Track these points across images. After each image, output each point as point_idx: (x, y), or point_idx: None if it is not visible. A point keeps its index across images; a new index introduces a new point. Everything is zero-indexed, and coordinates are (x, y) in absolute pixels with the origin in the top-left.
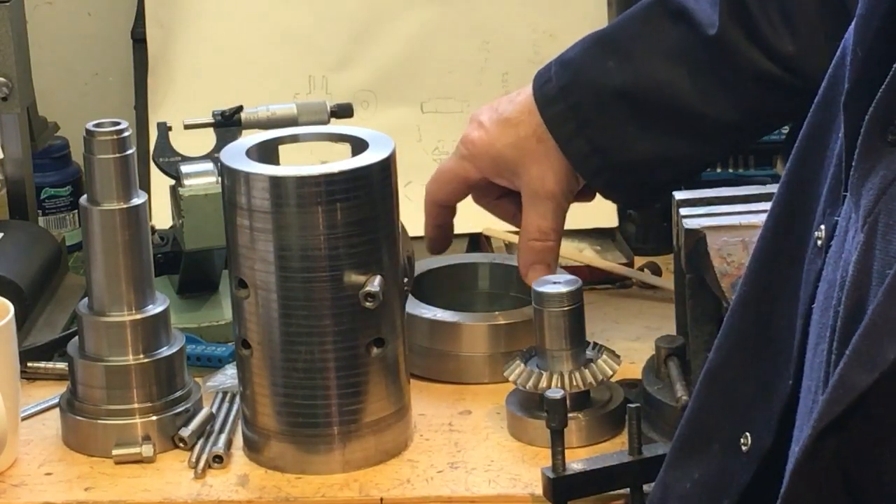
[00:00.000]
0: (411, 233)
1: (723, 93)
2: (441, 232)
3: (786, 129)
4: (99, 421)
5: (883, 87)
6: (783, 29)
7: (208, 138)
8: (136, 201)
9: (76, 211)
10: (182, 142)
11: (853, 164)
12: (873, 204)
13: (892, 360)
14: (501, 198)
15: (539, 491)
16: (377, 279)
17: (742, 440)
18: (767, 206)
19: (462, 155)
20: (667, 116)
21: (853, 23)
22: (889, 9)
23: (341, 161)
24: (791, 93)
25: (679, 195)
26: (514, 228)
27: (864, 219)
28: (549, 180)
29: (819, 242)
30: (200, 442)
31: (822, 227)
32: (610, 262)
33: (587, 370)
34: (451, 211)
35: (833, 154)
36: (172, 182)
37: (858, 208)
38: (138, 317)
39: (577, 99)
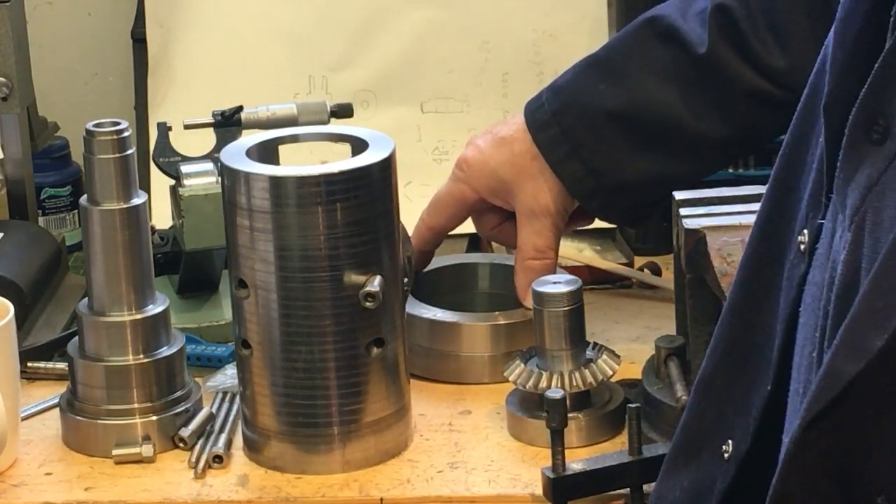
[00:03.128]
0: (411, 233)
1: (715, 110)
2: (424, 256)
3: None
4: (99, 421)
5: (866, 86)
6: (773, 44)
7: (208, 138)
8: (136, 201)
9: (76, 211)
10: (182, 142)
11: (838, 164)
12: (860, 202)
13: (878, 348)
14: (503, 223)
15: (539, 491)
16: (377, 279)
17: (724, 447)
18: None
19: (458, 177)
20: (660, 136)
21: (832, 28)
22: (868, 11)
23: (341, 161)
24: (783, 107)
25: (679, 195)
26: None
27: (850, 218)
28: (544, 197)
29: (802, 247)
30: (200, 442)
31: (805, 231)
32: (610, 262)
33: (587, 370)
34: (442, 238)
35: (814, 159)
36: (172, 182)
37: (845, 208)
38: (138, 317)
39: (570, 122)
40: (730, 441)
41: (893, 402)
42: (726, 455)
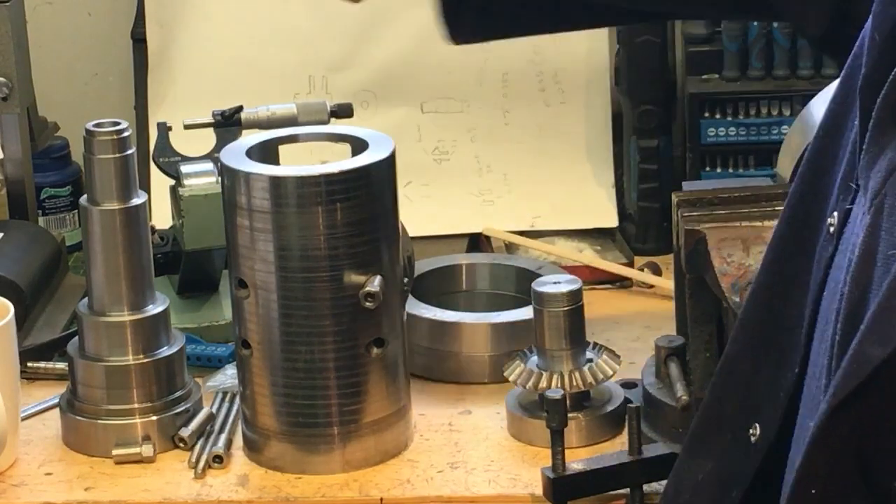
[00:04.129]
0: (411, 233)
1: None
2: None
3: (786, 129)
4: (99, 421)
5: (893, 72)
6: None
7: (208, 138)
8: (136, 201)
9: (76, 211)
10: (182, 142)
11: (864, 147)
12: (881, 185)
13: None
14: None
15: (539, 491)
16: (377, 279)
17: (752, 431)
18: (767, 205)
19: None
20: None
21: (872, 9)
22: None
23: (341, 161)
24: None
25: (679, 195)
26: (514, 228)
27: (870, 201)
28: None
29: (832, 229)
30: (200, 442)
31: (835, 213)
32: (610, 262)
33: (587, 370)
34: None
35: (848, 142)
36: (172, 182)
37: (867, 191)
38: (138, 317)
39: None
40: (757, 425)
41: None
42: (753, 439)
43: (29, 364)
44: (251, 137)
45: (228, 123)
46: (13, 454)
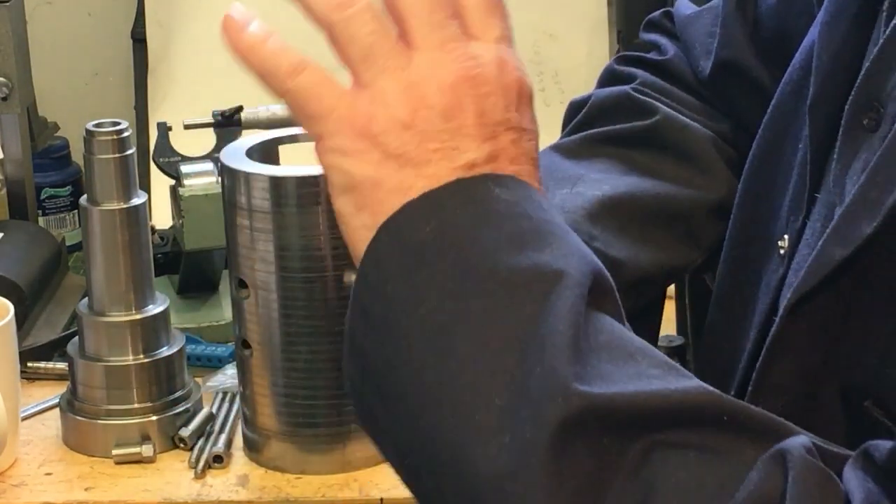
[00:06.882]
0: None
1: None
2: None
3: None
4: (99, 421)
5: (861, 75)
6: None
7: (208, 138)
8: (136, 201)
9: (76, 211)
10: (182, 142)
11: (835, 155)
12: None
13: (866, 235)
14: None
15: None
16: None
17: None
18: None
19: None
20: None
21: (817, 32)
22: (855, 14)
23: None
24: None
25: None
26: None
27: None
28: None
29: (782, 251)
30: (200, 442)
31: (786, 236)
32: None
33: None
34: None
35: (794, 164)
36: (172, 182)
37: (843, 197)
38: (138, 317)
39: None
40: None
41: (876, 290)
42: None
43: (29, 364)
44: (251, 137)
45: (228, 123)
46: (13, 454)
